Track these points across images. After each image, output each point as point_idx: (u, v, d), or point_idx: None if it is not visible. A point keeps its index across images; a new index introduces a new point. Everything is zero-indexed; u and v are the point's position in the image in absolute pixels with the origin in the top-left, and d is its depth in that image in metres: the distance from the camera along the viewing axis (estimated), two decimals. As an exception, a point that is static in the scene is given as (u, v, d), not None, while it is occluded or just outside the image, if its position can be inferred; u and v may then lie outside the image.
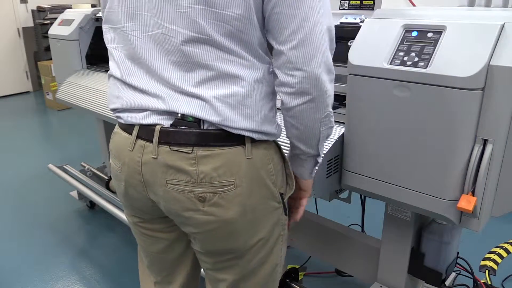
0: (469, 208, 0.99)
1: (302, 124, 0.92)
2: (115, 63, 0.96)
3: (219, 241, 0.94)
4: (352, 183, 1.24)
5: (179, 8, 0.82)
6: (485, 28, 0.97)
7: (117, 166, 0.97)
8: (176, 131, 0.86)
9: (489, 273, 2.10)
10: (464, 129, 0.99)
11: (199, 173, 0.86)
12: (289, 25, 0.81)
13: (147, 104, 0.89)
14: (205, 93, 0.85)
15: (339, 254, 1.74)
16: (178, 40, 0.84)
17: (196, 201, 0.88)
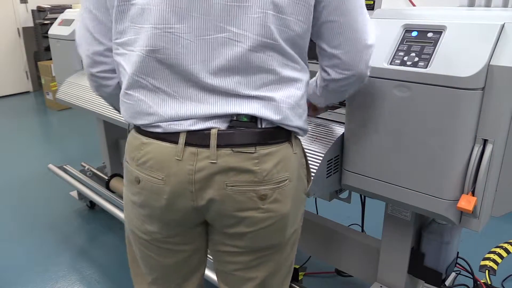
0: (469, 208, 0.99)
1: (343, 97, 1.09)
2: (139, 71, 0.87)
3: (269, 237, 0.95)
4: (352, 183, 1.24)
5: (251, 13, 0.82)
6: (485, 28, 0.97)
7: (159, 178, 0.89)
8: (237, 132, 0.86)
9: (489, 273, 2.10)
10: (464, 129, 0.99)
11: (262, 172, 0.87)
12: (343, 32, 0.90)
13: (193, 112, 0.86)
14: (268, 94, 0.87)
15: (339, 254, 1.74)
16: (246, 45, 0.84)
17: (257, 200, 0.89)
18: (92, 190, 2.62)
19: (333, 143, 1.19)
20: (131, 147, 0.94)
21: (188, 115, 0.86)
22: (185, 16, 0.83)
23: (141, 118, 0.90)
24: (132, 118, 0.92)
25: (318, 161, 1.17)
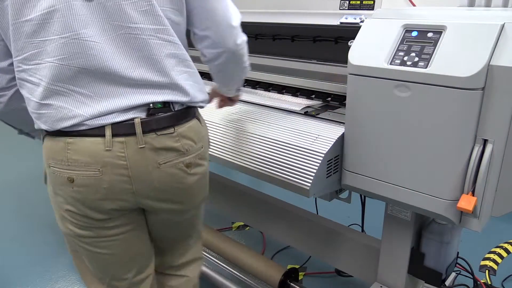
0: (469, 208, 0.99)
1: (230, 76, 1.25)
2: (55, 80, 0.92)
3: (201, 192, 1.15)
4: (352, 183, 1.24)
5: (140, 7, 0.93)
6: (485, 28, 0.97)
7: (95, 171, 0.97)
8: (157, 118, 0.98)
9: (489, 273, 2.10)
10: (464, 129, 0.99)
11: (184, 145, 1.03)
12: (208, 16, 1.05)
13: (114, 106, 0.95)
14: (175, 79, 1.00)
15: (339, 254, 1.74)
16: (144, 36, 0.95)
17: (185, 168, 1.05)
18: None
19: (333, 143, 1.19)
20: (53, 151, 0.98)
21: (111, 110, 0.95)
22: (87, 21, 0.91)
23: (64, 122, 0.95)
24: (53, 125, 0.96)
25: (318, 161, 1.17)
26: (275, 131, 1.33)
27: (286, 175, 1.21)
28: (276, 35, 1.79)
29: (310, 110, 1.41)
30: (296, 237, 1.90)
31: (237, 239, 2.51)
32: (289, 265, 2.09)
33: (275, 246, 2.41)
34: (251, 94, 1.65)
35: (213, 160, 1.44)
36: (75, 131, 0.95)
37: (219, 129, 1.46)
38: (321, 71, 1.50)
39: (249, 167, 1.30)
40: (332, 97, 1.48)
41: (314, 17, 1.45)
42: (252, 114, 1.47)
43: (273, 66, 1.66)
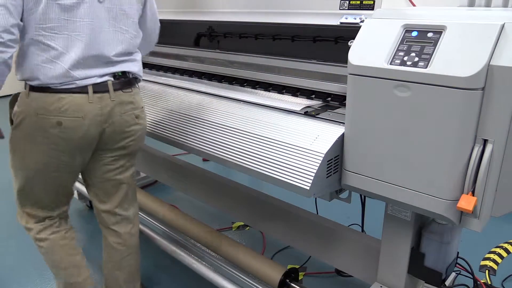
0: (469, 208, 0.99)
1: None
2: (65, 47, 1.33)
3: (139, 142, 1.59)
4: (352, 183, 1.24)
5: (125, 13, 1.45)
6: (485, 28, 0.97)
7: (79, 117, 1.37)
8: (121, 81, 1.45)
9: (489, 273, 2.10)
10: (464, 129, 0.99)
11: (136, 101, 1.52)
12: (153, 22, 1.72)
13: (96, 73, 1.39)
14: (132, 57, 1.50)
15: (339, 254, 1.74)
16: (128, 35, 1.47)
17: (135, 118, 1.51)
18: (92, 190, 2.61)
19: (333, 143, 1.19)
20: (47, 103, 1.34)
21: (93, 75, 1.38)
22: (100, 15, 1.37)
23: (60, 79, 1.33)
24: (50, 79, 1.32)
25: (318, 161, 1.17)
26: (275, 131, 1.33)
27: (286, 175, 1.21)
28: (276, 35, 1.79)
29: (310, 110, 1.41)
30: (296, 237, 1.90)
31: (237, 239, 2.51)
32: (289, 265, 2.09)
33: (275, 246, 2.41)
34: (251, 94, 1.65)
35: (213, 160, 1.44)
36: (67, 89, 1.34)
37: (219, 129, 1.46)
38: (321, 71, 1.50)
39: (249, 167, 1.30)
40: (332, 97, 1.48)
41: (314, 17, 1.45)
42: (252, 114, 1.47)
43: (273, 66, 1.66)
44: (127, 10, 1.45)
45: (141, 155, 2.76)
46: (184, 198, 2.96)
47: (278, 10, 1.57)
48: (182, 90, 1.83)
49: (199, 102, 1.67)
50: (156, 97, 1.84)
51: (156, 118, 1.72)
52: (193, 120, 1.58)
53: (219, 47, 2.09)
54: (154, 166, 2.69)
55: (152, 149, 2.71)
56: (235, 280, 1.78)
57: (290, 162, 1.22)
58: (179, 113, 1.65)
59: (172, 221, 2.12)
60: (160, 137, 1.66)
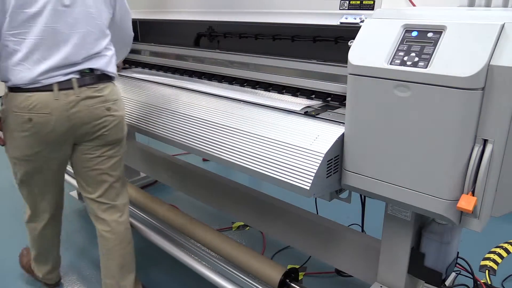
0: (469, 208, 0.99)
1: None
2: (31, 49, 1.45)
3: (116, 133, 1.67)
4: (352, 183, 1.24)
5: (90, 15, 1.55)
6: (485, 28, 0.97)
7: (46, 113, 1.49)
8: (86, 78, 1.54)
9: (489, 273, 2.10)
10: (464, 129, 0.99)
11: (104, 95, 1.59)
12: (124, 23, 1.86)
13: (60, 72, 1.49)
14: (97, 56, 1.57)
15: (339, 254, 1.74)
16: (91, 36, 1.55)
17: (106, 111, 1.60)
18: (92, 190, 2.61)
19: (333, 143, 1.19)
20: (18, 101, 1.48)
21: (58, 74, 1.49)
22: (61, 19, 1.47)
23: (27, 80, 1.45)
24: (19, 80, 1.45)
25: (318, 161, 1.17)
26: (275, 131, 1.33)
27: (286, 175, 1.21)
28: (276, 35, 1.79)
29: (310, 110, 1.41)
30: (296, 237, 1.90)
31: (237, 239, 2.51)
32: (289, 265, 2.09)
33: (275, 246, 2.41)
34: (251, 94, 1.65)
35: (213, 160, 1.44)
36: (33, 88, 1.46)
37: (219, 129, 1.46)
38: (321, 71, 1.50)
39: (249, 167, 1.30)
40: (332, 97, 1.48)
41: (314, 17, 1.45)
42: (252, 114, 1.47)
43: (273, 66, 1.66)
44: (93, 12, 1.54)
45: (141, 155, 2.76)
46: (184, 198, 2.96)
47: (278, 10, 1.57)
48: (182, 90, 1.83)
49: (199, 102, 1.67)
50: (156, 97, 1.84)
51: (156, 118, 1.72)
52: (193, 120, 1.58)
53: (219, 47, 2.09)
54: (154, 166, 2.69)
55: (152, 149, 2.72)
56: (235, 280, 1.78)
57: (290, 162, 1.22)
58: (179, 113, 1.65)
59: (172, 221, 2.12)
60: (160, 137, 1.66)
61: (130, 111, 1.86)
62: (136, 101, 1.88)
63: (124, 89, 2.03)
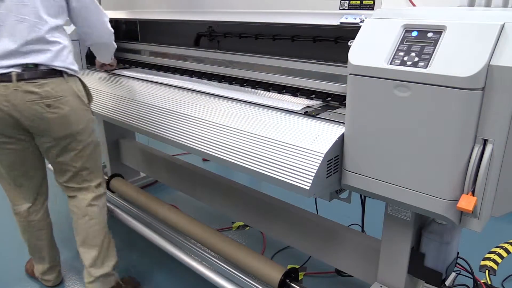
0: (469, 208, 0.99)
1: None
2: None
3: (62, 128, 1.68)
4: (352, 183, 1.24)
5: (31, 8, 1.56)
6: (485, 28, 0.97)
7: None
8: (28, 73, 1.56)
9: (489, 273, 2.10)
10: (464, 129, 0.99)
11: (46, 91, 1.59)
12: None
13: (1, 64, 1.54)
14: (45, 48, 1.59)
15: (339, 254, 1.74)
16: (35, 29, 1.57)
17: (45, 107, 1.60)
18: (92, 190, 2.61)
19: (333, 143, 1.19)
20: None
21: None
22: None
23: None
24: None
25: (318, 161, 1.17)
26: (275, 131, 1.33)
27: (286, 175, 1.21)
28: (276, 35, 1.79)
29: (310, 110, 1.41)
30: (296, 237, 1.90)
31: (237, 239, 2.51)
32: (289, 265, 2.09)
33: (275, 246, 2.41)
34: (251, 94, 1.66)
35: (213, 160, 1.44)
36: None
37: (219, 129, 1.46)
38: (321, 71, 1.50)
39: (249, 167, 1.30)
40: (332, 97, 1.48)
41: (314, 17, 1.45)
42: (252, 114, 1.47)
43: (273, 66, 1.66)
44: (26, 0, 1.54)
45: (141, 155, 2.76)
46: (184, 198, 2.96)
47: (278, 10, 1.57)
48: (182, 90, 1.84)
49: (199, 102, 1.67)
50: (156, 97, 1.84)
51: (156, 118, 1.72)
52: (193, 120, 1.58)
53: (219, 47, 2.09)
54: (154, 166, 2.69)
55: (152, 149, 2.72)
56: (235, 280, 1.78)
57: (290, 162, 1.22)
58: (179, 113, 1.65)
59: (172, 221, 2.12)
60: (160, 137, 1.66)
61: (130, 111, 1.86)
62: (136, 101, 1.88)
63: (124, 89, 2.03)
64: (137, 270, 2.26)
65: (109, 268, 1.93)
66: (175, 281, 2.17)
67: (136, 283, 2.13)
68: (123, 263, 2.30)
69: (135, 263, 2.31)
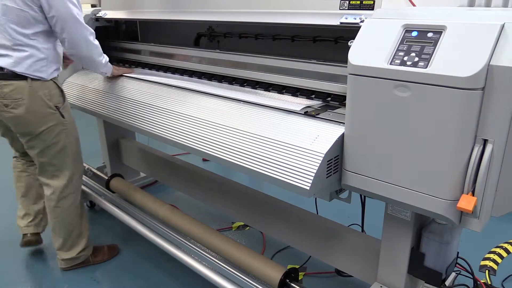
0: (469, 208, 0.99)
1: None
2: None
3: (20, 127, 1.88)
4: (352, 183, 1.24)
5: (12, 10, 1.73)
6: (485, 28, 0.97)
7: None
8: None
9: (489, 273, 2.10)
10: (464, 129, 0.99)
11: (4, 93, 1.77)
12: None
13: None
14: (6, 53, 1.76)
15: (339, 254, 1.74)
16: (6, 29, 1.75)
17: (4, 107, 1.80)
18: (92, 190, 2.62)
19: (333, 143, 1.19)
20: None
21: None
22: None
23: None
24: None
25: (318, 161, 1.17)
26: (275, 131, 1.33)
27: (286, 175, 1.21)
28: (276, 35, 1.79)
29: (310, 110, 1.41)
30: (296, 237, 1.90)
31: (237, 239, 2.51)
32: (289, 265, 2.09)
33: (275, 246, 2.41)
34: (251, 94, 1.65)
35: (213, 160, 1.44)
36: None
37: (219, 129, 1.46)
38: (321, 71, 1.50)
39: (249, 167, 1.30)
40: (332, 97, 1.48)
41: (314, 17, 1.45)
42: (252, 114, 1.47)
43: (273, 66, 1.66)
44: (8, 3, 1.70)
45: (141, 155, 2.76)
46: (184, 198, 2.96)
47: (278, 10, 1.57)
48: (182, 90, 1.83)
49: (199, 102, 1.67)
50: (156, 97, 1.84)
51: (156, 118, 1.72)
52: (193, 120, 1.58)
53: (219, 47, 2.09)
54: (154, 166, 2.69)
55: (152, 149, 2.72)
56: (235, 280, 1.78)
57: (290, 162, 1.22)
58: (179, 113, 1.65)
59: (172, 221, 2.12)
60: (160, 137, 1.66)
61: (130, 111, 1.86)
62: (136, 101, 1.88)
63: (124, 89, 2.03)
64: (137, 270, 2.26)
65: (75, 254, 2.19)
66: (175, 281, 2.17)
67: (112, 250, 2.37)
68: (123, 261, 2.30)
69: (134, 263, 2.31)
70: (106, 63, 1.99)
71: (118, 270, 2.25)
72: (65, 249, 2.17)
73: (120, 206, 2.41)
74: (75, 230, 2.15)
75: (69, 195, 2.09)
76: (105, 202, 2.47)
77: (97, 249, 2.32)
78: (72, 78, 2.38)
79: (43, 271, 2.25)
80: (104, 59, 1.98)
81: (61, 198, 2.08)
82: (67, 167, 2.05)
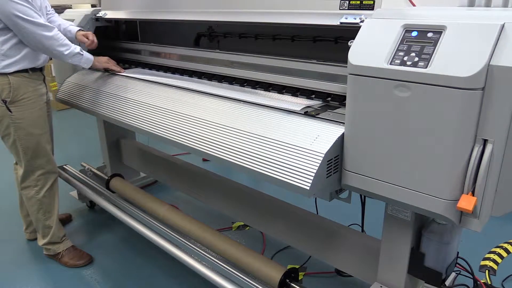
0: (469, 208, 0.99)
1: None
2: None
3: None
4: (352, 183, 1.24)
5: None
6: (485, 28, 0.97)
7: None
8: None
9: (489, 273, 2.10)
10: (464, 129, 0.99)
11: None
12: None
13: None
14: None
15: (339, 254, 1.74)
16: None
17: None
18: (92, 190, 2.62)
19: (333, 143, 1.19)
20: None
21: None
22: None
23: None
24: None
25: (318, 161, 1.17)
26: (275, 131, 1.33)
27: (286, 175, 1.21)
28: (276, 35, 1.79)
29: (310, 110, 1.41)
30: (296, 237, 1.90)
31: (237, 239, 2.51)
32: (289, 265, 2.09)
33: (275, 246, 2.41)
34: (251, 94, 1.65)
35: (213, 160, 1.44)
36: None
37: (219, 129, 1.46)
38: (321, 71, 1.50)
39: (249, 167, 1.30)
40: (332, 97, 1.48)
41: (314, 17, 1.45)
42: (252, 114, 1.47)
43: (273, 66, 1.66)
44: None
45: (141, 155, 2.76)
46: (184, 198, 2.96)
47: (278, 10, 1.57)
48: (182, 90, 1.83)
49: (199, 102, 1.67)
50: (156, 97, 1.84)
51: (156, 118, 1.72)
52: (193, 120, 1.58)
53: (219, 47, 2.09)
54: (154, 166, 2.69)
55: (152, 149, 2.72)
56: (235, 280, 1.78)
57: (290, 162, 1.22)
58: (179, 113, 1.65)
59: (172, 221, 2.12)
60: (160, 137, 1.66)
61: (130, 111, 1.86)
62: (136, 101, 1.88)
63: (124, 89, 2.03)
64: (137, 269, 2.26)
65: (41, 243, 2.31)
66: (175, 281, 2.17)
67: (85, 257, 2.34)
68: (123, 261, 2.30)
69: (135, 263, 2.31)
70: (73, 55, 1.97)
71: (118, 270, 2.25)
72: (36, 233, 2.35)
73: (120, 206, 2.41)
74: (39, 222, 2.26)
75: (29, 187, 2.21)
76: (105, 202, 2.47)
77: (72, 251, 2.34)
78: (72, 78, 2.38)
79: (43, 270, 2.25)
80: (69, 50, 1.95)
81: (23, 187, 2.21)
82: (21, 161, 2.15)
